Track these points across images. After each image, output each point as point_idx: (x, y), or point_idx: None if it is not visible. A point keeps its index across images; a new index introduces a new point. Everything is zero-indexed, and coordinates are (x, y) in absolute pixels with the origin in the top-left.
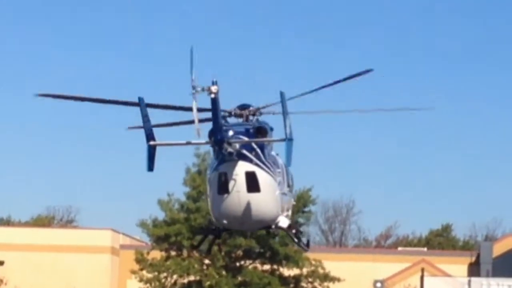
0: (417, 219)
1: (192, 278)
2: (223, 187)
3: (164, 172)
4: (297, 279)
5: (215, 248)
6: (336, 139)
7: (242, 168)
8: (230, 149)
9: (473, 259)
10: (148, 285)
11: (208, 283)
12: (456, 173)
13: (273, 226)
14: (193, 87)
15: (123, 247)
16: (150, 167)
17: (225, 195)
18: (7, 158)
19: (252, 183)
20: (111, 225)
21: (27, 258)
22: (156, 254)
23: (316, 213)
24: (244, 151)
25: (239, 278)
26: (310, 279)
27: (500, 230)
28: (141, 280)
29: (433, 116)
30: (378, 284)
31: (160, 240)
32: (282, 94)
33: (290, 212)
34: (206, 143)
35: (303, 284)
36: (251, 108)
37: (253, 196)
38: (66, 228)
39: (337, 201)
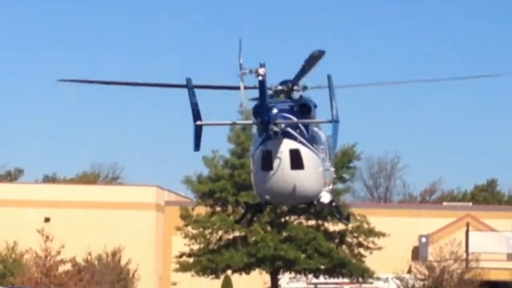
0: (462, 174)
1: (237, 234)
2: (267, 164)
3: (208, 129)
4: (342, 234)
5: None
6: (380, 94)
7: (286, 146)
8: (275, 129)
9: None
10: (193, 241)
11: (253, 238)
12: (501, 128)
13: (315, 202)
14: (241, 69)
15: (168, 203)
16: (197, 146)
17: (269, 172)
18: (51, 114)
19: (296, 161)
20: (156, 182)
21: (72, 215)
22: (201, 210)
23: (360, 168)
24: (289, 129)
25: (284, 234)
26: (355, 234)
27: None
28: (186, 236)
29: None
30: (423, 239)
31: (205, 196)
32: (329, 77)
33: (331, 186)
34: (253, 123)
35: (348, 239)
36: (292, 84)
37: (297, 173)
38: (111, 185)
39: (382, 156)
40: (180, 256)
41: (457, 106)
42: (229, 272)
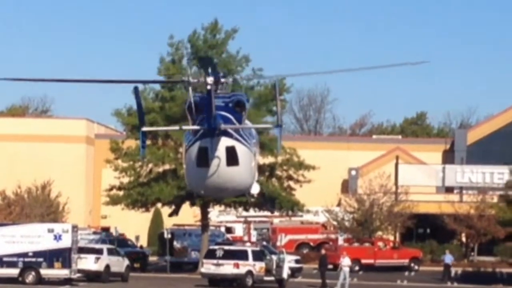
0: (391, 107)
1: (167, 167)
2: (203, 160)
3: (138, 61)
4: (272, 167)
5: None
6: (313, 28)
7: (223, 143)
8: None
9: (448, 146)
10: (123, 174)
11: (182, 171)
12: (431, 61)
13: (246, 193)
14: (188, 80)
15: (98, 136)
16: (143, 153)
17: (205, 168)
18: None
19: (232, 157)
20: (86, 114)
21: (2, 148)
22: (131, 143)
23: (290, 101)
24: (225, 127)
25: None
26: (285, 167)
27: (474, 118)
28: (116, 169)
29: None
30: (353, 172)
31: (135, 129)
32: (275, 83)
33: (257, 173)
34: (196, 129)
35: (278, 172)
36: (221, 75)
37: (232, 170)
38: (41, 118)
39: (312, 89)
40: (110, 189)
41: (385, 36)
42: (159, 205)
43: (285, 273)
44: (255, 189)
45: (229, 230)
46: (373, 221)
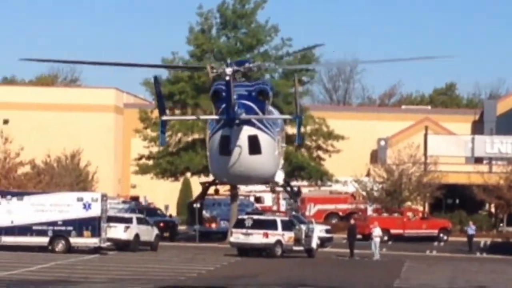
0: (421, 78)
1: (196, 136)
2: (225, 149)
3: (168, 31)
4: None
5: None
6: None
7: (245, 132)
8: (236, 121)
9: (477, 117)
10: (152, 143)
11: None
12: (461, 32)
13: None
14: (209, 70)
15: (127, 106)
16: (163, 141)
17: (227, 157)
18: (11, 14)
19: (254, 146)
20: (115, 84)
21: (32, 117)
22: None
23: (319, 71)
24: (245, 117)
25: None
26: (314, 137)
27: (504, 88)
28: (145, 139)
29: None
30: (382, 142)
31: (164, 99)
32: (294, 75)
33: (282, 160)
34: (216, 119)
35: (307, 142)
36: (247, 66)
37: (254, 158)
38: (70, 87)
39: (341, 59)
40: (139, 159)
41: (416, 7)
42: (188, 174)
43: (314, 243)
44: (279, 177)
45: (258, 199)
46: (402, 191)
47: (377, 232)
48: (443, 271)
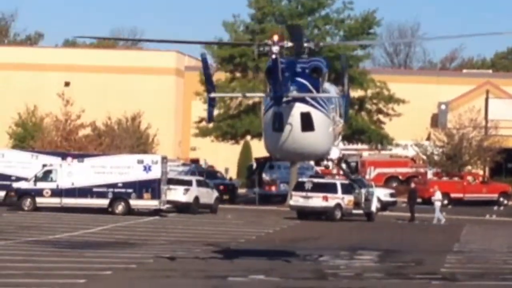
0: (482, 42)
1: (257, 99)
2: (278, 125)
3: None
4: (361, 100)
5: None
6: None
7: (297, 109)
8: (288, 98)
9: None
10: (217, 98)
11: None
12: None
13: (325, 159)
14: (257, 49)
15: (188, 68)
16: (210, 118)
17: (280, 133)
18: None
19: (307, 123)
20: (176, 47)
21: (92, 79)
22: (221, 76)
23: (381, 35)
24: (293, 95)
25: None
26: (374, 101)
27: None
28: (205, 102)
29: None
30: (443, 106)
31: (225, 62)
32: (342, 57)
33: (340, 138)
34: (264, 95)
35: (368, 105)
36: (305, 44)
37: (307, 135)
38: (131, 50)
39: (402, 23)
40: (200, 122)
41: None
42: (248, 137)
43: (374, 206)
44: (334, 154)
45: (318, 163)
46: (463, 155)
47: (437, 196)
48: (503, 236)
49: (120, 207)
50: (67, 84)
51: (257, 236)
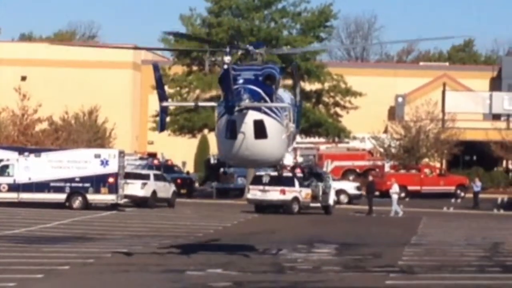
0: (439, 34)
1: (214, 93)
2: (231, 133)
3: None
4: (318, 93)
5: (237, 62)
6: None
7: (251, 116)
8: (240, 107)
9: (495, 73)
10: (170, 100)
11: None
12: None
13: (278, 165)
14: (206, 60)
15: (144, 62)
16: (162, 127)
17: (234, 141)
18: None
19: (260, 131)
20: (133, 41)
21: (49, 73)
22: (178, 69)
23: (337, 28)
24: (253, 102)
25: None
26: (331, 94)
27: None
28: None
29: None
30: (400, 99)
31: (181, 55)
32: (294, 65)
33: (294, 144)
34: (213, 106)
35: (325, 98)
36: (265, 49)
37: (260, 142)
38: (88, 44)
39: (359, 16)
40: (157, 115)
41: None
42: (205, 131)
43: (331, 199)
44: (288, 160)
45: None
46: (420, 148)
47: (395, 188)
48: (461, 228)
49: (77, 202)
50: (23, 78)
51: (215, 230)
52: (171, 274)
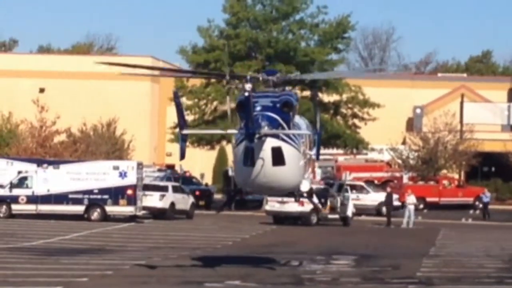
0: (457, 45)
1: (232, 105)
2: (249, 160)
3: None
4: (336, 105)
5: (254, 74)
6: None
7: (268, 144)
8: (259, 136)
9: None
10: (188, 111)
11: None
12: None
13: (295, 192)
14: (229, 85)
15: (163, 74)
16: (183, 155)
17: (251, 168)
18: None
19: (278, 158)
20: (151, 52)
21: (67, 85)
22: (196, 81)
23: (355, 39)
24: (271, 129)
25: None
26: (349, 105)
27: None
28: None
29: None
30: (418, 110)
31: (199, 67)
32: (314, 94)
33: (310, 171)
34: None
35: (343, 110)
36: (277, 76)
37: (278, 170)
38: (106, 55)
39: (376, 27)
40: (175, 127)
41: None
42: (224, 142)
43: (350, 211)
44: (305, 187)
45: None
46: (438, 159)
47: (411, 199)
48: (479, 239)
49: (95, 214)
50: (42, 90)
51: (234, 242)
52: (190, 286)
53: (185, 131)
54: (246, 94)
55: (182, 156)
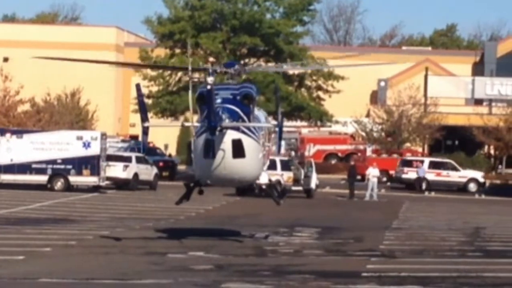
0: (422, 19)
1: (196, 75)
2: (209, 152)
3: None
4: (301, 77)
5: (219, 46)
6: None
7: (229, 136)
8: (220, 128)
9: (477, 58)
10: (152, 82)
11: None
12: None
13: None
14: (190, 78)
15: (127, 44)
16: (144, 148)
17: (211, 160)
18: None
19: (238, 150)
20: (116, 22)
21: (31, 55)
22: (161, 52)
23: (320, 11)
24: (232, 122)
25: (243, 77)
26: (314, 77)
27: (505, 31)
28: (145, 78)
29: None
30: (382, 83)
31: (164, 38)
32: (276, 87)
33: (268, 162)
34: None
35: (307, 82)
36: (236, 67)
37: (238, 162)
38: (71, 25)
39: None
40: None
41: None
42: (188, 114)
43: (313, 183)
44: (264, 179)
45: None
46: (402, 132)
47: (374, 172)
48: (442, 212)
49: (59, 184)
50: (5, 59)
51: (197, 213)
52: (153, 257)
53: (146, 124)
54: (208, 87)
55: (144, 149)
